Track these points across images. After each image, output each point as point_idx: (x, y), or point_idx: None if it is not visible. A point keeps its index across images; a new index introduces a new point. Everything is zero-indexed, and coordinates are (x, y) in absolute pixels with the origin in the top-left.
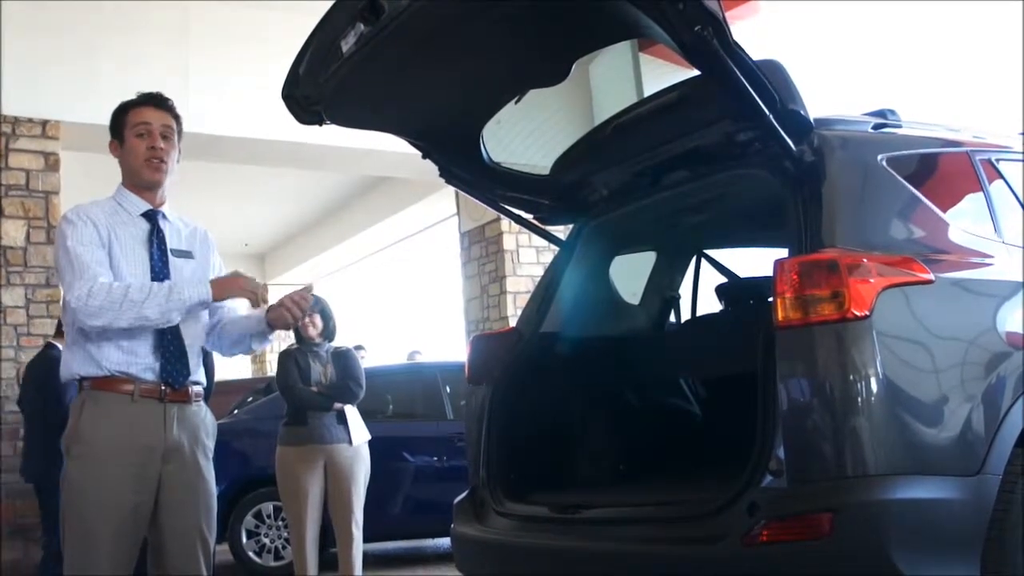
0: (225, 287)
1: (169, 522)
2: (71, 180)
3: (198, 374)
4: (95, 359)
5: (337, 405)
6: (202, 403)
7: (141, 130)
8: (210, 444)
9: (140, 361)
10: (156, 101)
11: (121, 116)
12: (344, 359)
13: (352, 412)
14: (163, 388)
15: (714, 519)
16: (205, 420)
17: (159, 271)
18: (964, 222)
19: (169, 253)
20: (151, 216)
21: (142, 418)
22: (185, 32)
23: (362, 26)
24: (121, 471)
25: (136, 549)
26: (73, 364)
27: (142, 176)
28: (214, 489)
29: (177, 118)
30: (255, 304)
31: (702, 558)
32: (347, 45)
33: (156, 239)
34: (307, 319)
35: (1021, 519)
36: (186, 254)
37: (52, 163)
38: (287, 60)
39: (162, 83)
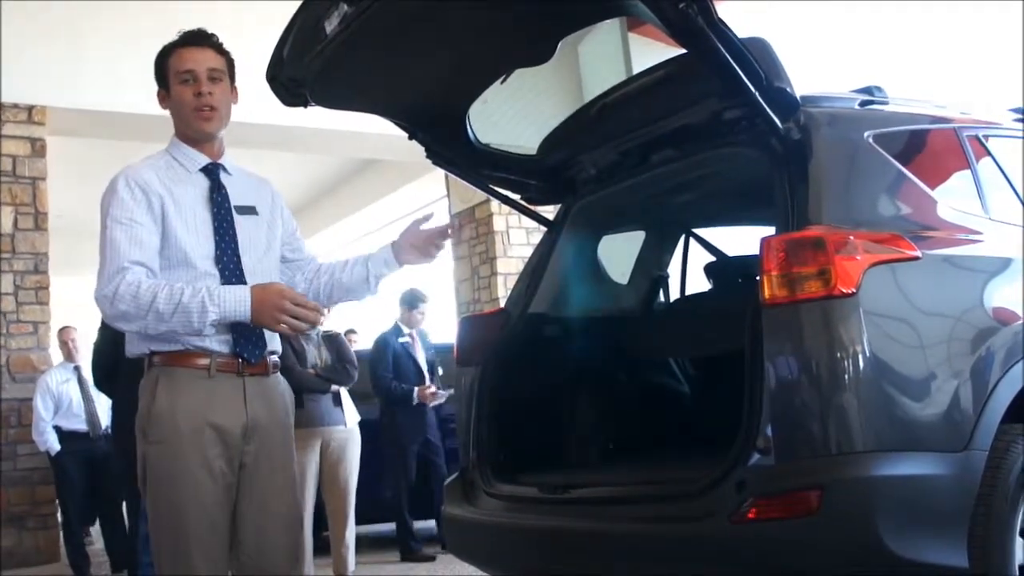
0: (263, 312)
1: (251, 509)
2: (58, 166)
3: (274, 343)
4: (165, 333)
5: (333, 388)
6: (279, 374)
7: (185, 76)
8: (290, 421)
9: (214, 332)
10: (197, 39)
11: (163, 62)
12: (336, 342)
13: (345, 394)
14: (240, 361)
15: (702, 497)
16: (284, 394)
17: (223, 232)
18: (951, 199)
19: (233, 211)
20: (211, 171)
21: (220, 395)
22: (171, 16)
23: (345, 6)
24: (205, 452)
25: (228, 537)
26: (140, 339)
27: (193, 127)
28: (295, 469)
29: (225, 54)
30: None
31: (690, 536)
32: (331, 26)
33: (219, 196)
34: None
35: (1008, 495)
36: (250, 210)
37: (39, 149)
38: (272, 43)
39: (149, 68)
